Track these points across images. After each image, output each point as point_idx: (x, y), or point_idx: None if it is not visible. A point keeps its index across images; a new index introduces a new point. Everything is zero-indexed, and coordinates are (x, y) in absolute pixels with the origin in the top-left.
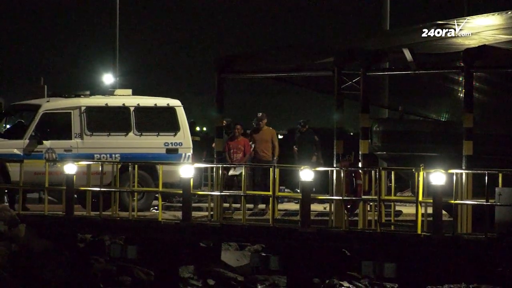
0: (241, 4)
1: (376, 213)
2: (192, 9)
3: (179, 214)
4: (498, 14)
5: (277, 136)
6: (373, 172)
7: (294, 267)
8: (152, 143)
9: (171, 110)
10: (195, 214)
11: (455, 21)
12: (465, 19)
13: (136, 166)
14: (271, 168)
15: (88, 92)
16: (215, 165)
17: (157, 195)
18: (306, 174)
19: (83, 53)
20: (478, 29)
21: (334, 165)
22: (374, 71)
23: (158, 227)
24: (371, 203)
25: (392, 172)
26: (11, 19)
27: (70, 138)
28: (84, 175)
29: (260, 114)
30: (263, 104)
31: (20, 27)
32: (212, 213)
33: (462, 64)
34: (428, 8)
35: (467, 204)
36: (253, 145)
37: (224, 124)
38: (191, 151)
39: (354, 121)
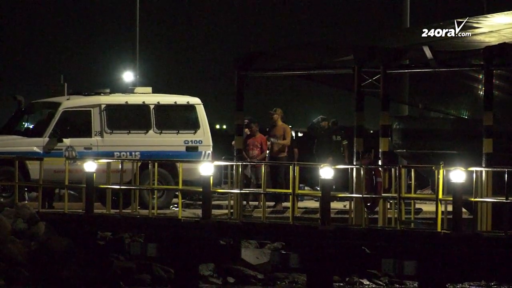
0: (261, 2)
1: (396, 210)
2: (212, 6)
3: (199, 212)
4: None
5: (290, 133)
6: (393, 170)
7: (314, 265)
8: (172, 141)
9: (191, 108)
10: (215, 212)
11: (475, 18)
12: (484, 17)
13: (156, 164)
14: (289, 166)
15: (108, 90)
16: (235, 163)
17: (177, 193)
18: (326, 172)
19: (103, 51)
20: (497, 27)
21: (354, 163)
22: (394, 69)
23: (178, 225)
24: (391, 201)
25: (412, 170)
26: (31, 17)
27: (90, 136)
28: (104, 173)
29: (274, 110)
30: (283, 101)
31: (40, 25)
32: (232, 211)
33: (482, 62)
34: (448, 5)
35: (487, 202)
36: (268, 142)
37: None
38: (211, 149)
39: (374, 118)
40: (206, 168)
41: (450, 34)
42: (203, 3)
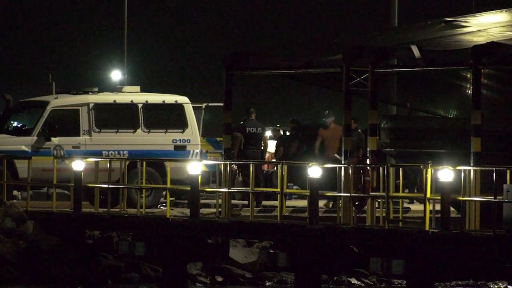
0: (250, 0)
1: (384, 209)
2: (201, 5)
3: (187, 211)
4: (506, 11)
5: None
6: (381, 169)
7: (302, 264)
8: (160, 140)
9: (179, 107)
10: (203, 210)
11: (463, 17)
12: (473, 15)
13: (144, 163)
14: (278, 166)
15: (96, 89)
16: (223, 162)
17: (165, 192)
18: (314, 171)
19: (91, 50)
20: (486, 26)
21: (343, 162)
22: (382, 68)
23: (166, 223)
24: (379, 200)
25: (400, 169)
26: (19, 16)
27: (78, 135)
28: (92, 172)
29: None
30: (271, 101)
31: (29, 24)
32: (220, 209)
33: (470, 61)
34: (436, 4)
35: (475, 201)
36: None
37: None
38: (199, 148)
39: (362, 118)
40: (194, 167)
41: (439, 33)
42: (192, 2)
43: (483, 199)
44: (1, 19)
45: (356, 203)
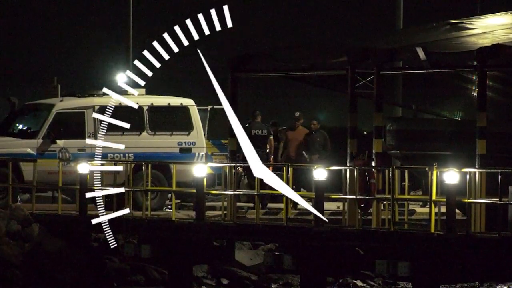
0: (255, 2)
1: (389, 212)
2: (204, 7)
3: (192, 213)
4: (511, 13)
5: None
6: (386, 171)
7: (308, 266)
8: (165, 142)
9: (184, 109)
10: (208, 213)
11: (468, 20)
12: (478, 17)
13: (149, 165)
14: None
15: (101, 92)
16: (228, 164)
17: (170, 194)
18: (320, 173)
19: (96, 52)
20: (491, 28)
21: (348, 164)
22: (387, 70)
23: (171, 226)
24: (384, 202)
25: (406, 171)
26: (24, 19)
27: (84, 138)
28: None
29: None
30: (276, 103)
31: (34, 27)
32: (225, 212)
33: (475, 63)
34: (441, 6)
35: (480, 203)
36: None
37: None
38: (205, 150)
39: (368, 120)
40: (200, 170)
41: (444, 35)
42: (196, 3)
43: (489, 201)
44: (6, 22)
45: (362, 205)
